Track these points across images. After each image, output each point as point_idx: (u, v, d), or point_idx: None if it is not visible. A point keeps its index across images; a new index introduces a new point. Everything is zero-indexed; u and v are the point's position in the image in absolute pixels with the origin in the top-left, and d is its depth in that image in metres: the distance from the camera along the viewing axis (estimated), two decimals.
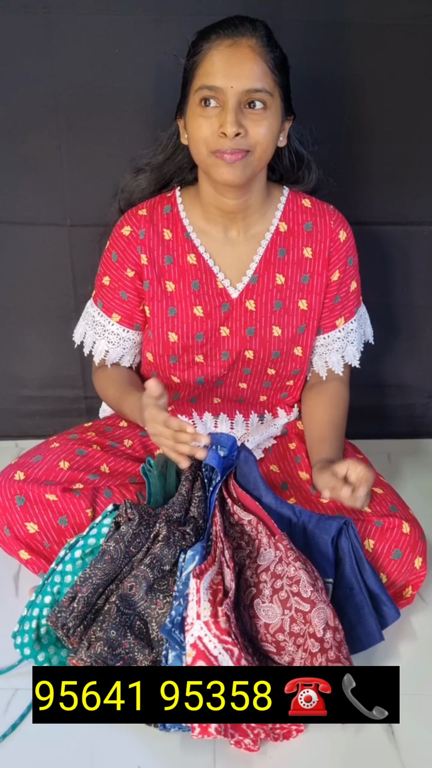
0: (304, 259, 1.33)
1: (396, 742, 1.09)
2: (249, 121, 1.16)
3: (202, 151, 1.19)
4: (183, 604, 1.09)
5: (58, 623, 1.11)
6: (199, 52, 1.17)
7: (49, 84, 1.43)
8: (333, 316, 1.38)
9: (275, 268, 1.32)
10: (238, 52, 1.14)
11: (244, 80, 1.14)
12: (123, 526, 1.17)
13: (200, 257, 1.32)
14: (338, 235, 1.34)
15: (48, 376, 1.75)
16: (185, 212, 1.33)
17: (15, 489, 1.22)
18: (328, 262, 1.34)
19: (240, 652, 1.04)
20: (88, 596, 1.12)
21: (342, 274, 1.35)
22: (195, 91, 1.17)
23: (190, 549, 1.13)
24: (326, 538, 1.18)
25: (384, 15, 1.41)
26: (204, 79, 1.15)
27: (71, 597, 1.12)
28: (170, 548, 1.14)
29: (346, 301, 1.38)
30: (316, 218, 1.34)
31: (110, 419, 1.46)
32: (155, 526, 1.17)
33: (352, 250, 1.37)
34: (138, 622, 1.12)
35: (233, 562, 1.14)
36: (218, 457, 1.20)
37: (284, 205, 1.34)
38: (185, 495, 1.23)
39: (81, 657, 1.09)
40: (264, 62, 1.15)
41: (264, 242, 1.32)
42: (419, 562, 1.23)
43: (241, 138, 1.16)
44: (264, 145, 1.19)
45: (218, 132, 1.16)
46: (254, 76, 1.14)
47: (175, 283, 1.32)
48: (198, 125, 1.18)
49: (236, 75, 1.14)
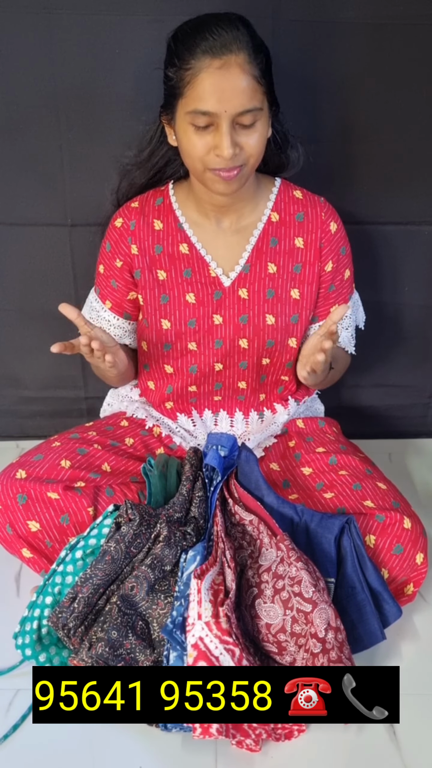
0: (295, 248, 1.35)
1: (398, 742, 1.09)
2: (242, 136, 1.17)
3: (198, 167, 1.21)
4: (184, 605, 1.09)
5: (59, 624, 1.11)
6: (187, 69, 1.15)
7: (49, 84, 1.43)
8: (328, 304, 1.40)
9: (267, 258, 1.34)
10: (229, 74, 1.13)
11: (236, 103, 1.14)
12: (124, 527, 1.17)
13: (192, 246, 1.34)
14: (329, 227, 1.35)
15: (49, 377, 1.75)
16: (178, 204, 1.35)
17: (17, 487, 1.23)
18: (320, 253, 1.36)
19: (241, 652, 1.04)
20: (89, 597, 1.12)
21: (335, 264, 1.37)
22: (187, 113, 1.17)
23: (191, 549, 1.13)
24: (329, 536, 1.18)
25: (384, 15, 1.41)
26: (196, 103, 1.15)
27: (72, 597, 1.12)
28: (171, 548, 1.14)
29: (341, 289, 1.40)
30: (307, 209, 1.35)
31: (111, 419, 1.47)
32: (156, 527, 1.17)
33: (343, 240, 1.39)
34: (140, 623, 1.12)
35: (234, 562, 1.14)
36: (219, 457, 1.20)
37: (276, 195, 1.35)
38: (186, 495, 1.23)
39: (82, 657, 1.09)
40: (252, 78, 1.15)
41: (256, 232, 1.34)
42: (420, 558, 1.23)
43: (237, 156, 1.18)
44: (257, 155, 1.21)
45: (214, 151, 1.17)
46: (245, 97, 1.14)
47: (166, 272, 1.34)
48: (192, 144, 1.19)
49: (228, 99, 1.13)
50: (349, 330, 1.43)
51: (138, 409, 1.46)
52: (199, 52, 1.13)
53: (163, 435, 1.43)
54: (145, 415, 1.45)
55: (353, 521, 1.19)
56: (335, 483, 1.31)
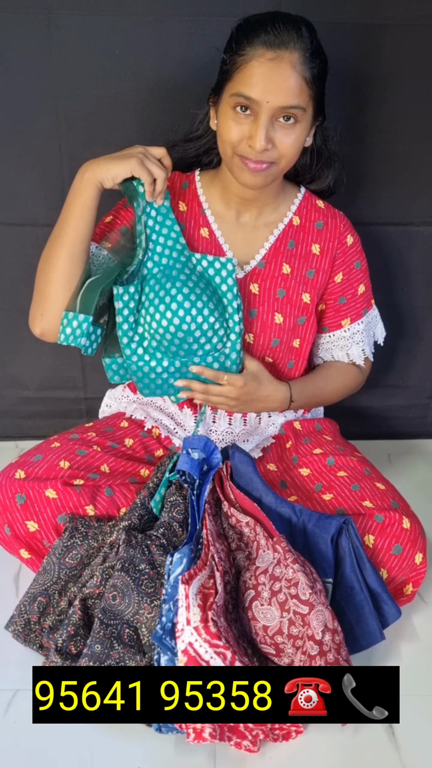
0: (311, 254, 1.37)
1: (396, 743, 1.09)
2: (278, 133, 1.19)
3: (228, 151, 1.23)
4: (173, 610, 1.08)
5: (20, 620, 1.18)
6: (242, 53, 1.17)
7: (49, 84, 1.43)
8: (339, 317, 1.42)
9: (283, 258, 1.36)
10: (279, 68, 1.15)
11: (281, 97, 1.16)
12: (57, 541, 1.21)
13: (213, 233, 1.35)
14: (345, 239, 1.39)
15: (48, 377, 1.75)
16: (203, 190, 1.36)
17: (15, 487, 1.22)
18: (332, 263, 1.38)
19: (233, 655, 1.04)
20: (28, 604, 1.19)
21: (346, 276, 1.39)
22: (231, 95, 1.19)
23: (177, 552, 1.12)
24: (326, 537, 1.18)
25: (384, 15, 1.41)
26: (242, 87, 1.17)
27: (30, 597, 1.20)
28: (135, 548, 1.14)
29: (353, 303, 1.42)
30: (327, 219, 1.38)
31: (111, 420, 1.46)
32: (106, 536, 1.20)
33: (358, 255, 1.41)
34: (127, 630, 1.12)
35: (222, 565, 1.13)
36: (191, 461, 1.19)
37: (300, 201, 1.38)
38: (139, 503, 1.23)
39: (52, 659, 1.11)
40: (302, 79, 1.17)
41: (276, 231, 1.36)
42: (419, 558, 1.23)
43: (268, 152, 1.19)
44: (289, 157, 1.22)
45: (247, 141, 1.19)
46: (291, 94, 1.16)
47: None
48: (228, 127, 1.20)
49: (273, 90, 1.15)
50: (360, 345, 1.44)
51: (137, 410, 1.46)
52: (256, 41, 1.16)
53: (162, 436, 1.43)
54: (144, 416, 1.45)
55: (351, 522, 1.19)
56: (334, 484, 1.31)
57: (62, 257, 1.24)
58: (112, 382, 1.34)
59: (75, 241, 1.24)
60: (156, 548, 1.16)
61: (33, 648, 1.19)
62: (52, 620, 1.17)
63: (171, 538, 1.19)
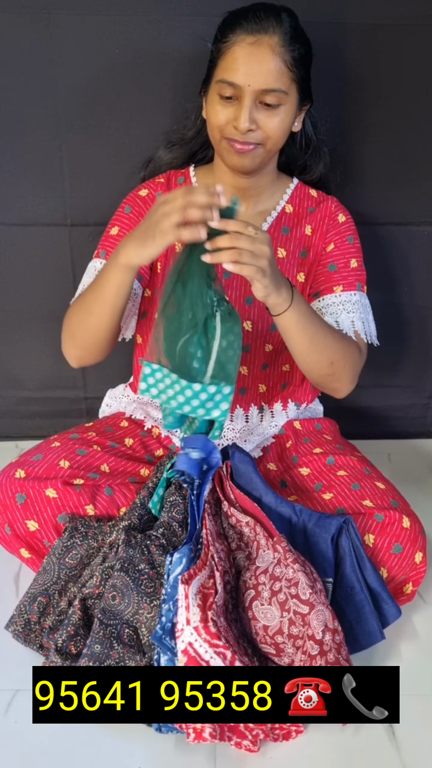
0: (304, 236, 1.39)
1: (397, 743, 1.08)
2: (263, 115, 1.22)
3: (216, 135, 1.26)
4: (173, 610, 1.08)
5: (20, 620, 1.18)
6: (225, 41, 1.21)
7: (49, 84, 1.43)
8: (331, 282, 1.37)
9: (278, 243, 1.38)
10: (259, 51, 1.18)
11: (261, 79, 1.18)
12: (56, 541, 1.21)
13: None
14: (337, 217, 1.40)
15: (48, 377, 1.75)
16: (198, 184, 1.38)
17: (16, 487, 1.22)
18: (324, 237, 1.40)
19: (233, 655, 1.03)
20: (28, 604, 1.19)
21: (338, 247, 1.39)
22: (216, 81, 1.22)
23: (176, 552, 1.12)
24: (326, 536, 1.18)
25: (384, 15, 1.42)
26: (224, 73, 1.20)
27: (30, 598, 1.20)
28: (135, 548, 1.14)
29: (344, 272, 1.38)
30: (319, 204, 1.41)
31: (111, 419, 1.46)
32: (106, 536, 1.20)
33: (351, 231, 1.41)
34: (127, 630, 1.12)
35: (221, 565, 1.13)
36: (190, 461, 1.18)
37: (293, 190, 1.41)
38: (138, 503, 1.23)
39: (52, 659, 1.11)
40: (282, 61, 1.19)
41: (270, 219, 1.38)
42: (419, 557, 1.23)
43: (253, 132, 1.22)
44: (275, 138, 1.25)
45: (232, 123, 1.22)
46: (271, 77, 1.19)
47: (182, 245, 1.33)
48: (215, 112, 1.24)
49: (254, 74, 1.18)
50: (351, 315, 1.35)
51: (136, 409, 1.46)
52: (238, 29, 1.20)
53: (162, 436, 1.43)
54: (144, 416, 1.45)
55: (351, 522, 1.19)
56: (334, 483, 1.31)
57: (102, 323, 1.26)
58: (141, 395, 1.22)
59: (112, 314, 1.25)
60: (155, 548, 1.16)
61: (33, 648, 1.19)
62: (52, 620, 1.17)
63: (170, 538, 1.19)
